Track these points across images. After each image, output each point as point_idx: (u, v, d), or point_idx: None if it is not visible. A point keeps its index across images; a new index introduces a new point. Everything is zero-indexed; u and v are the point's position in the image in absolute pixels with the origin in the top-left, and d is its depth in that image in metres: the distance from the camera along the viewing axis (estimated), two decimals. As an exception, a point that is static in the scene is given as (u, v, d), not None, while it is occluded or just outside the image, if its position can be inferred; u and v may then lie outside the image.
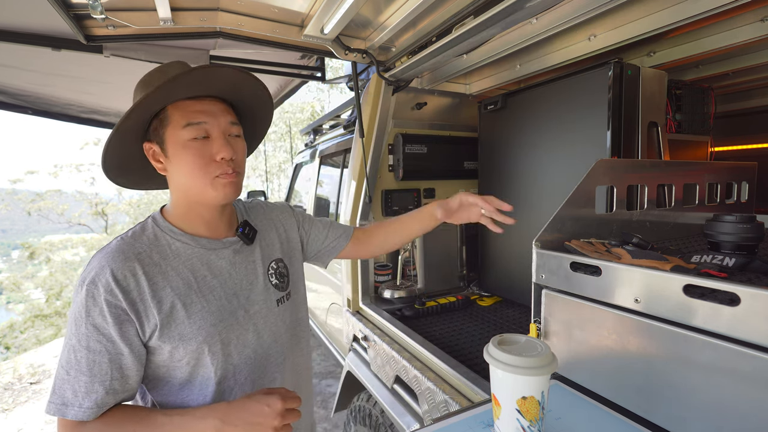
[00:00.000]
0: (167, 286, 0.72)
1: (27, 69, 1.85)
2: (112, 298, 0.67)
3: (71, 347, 0.67)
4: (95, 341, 0.66)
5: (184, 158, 0.72)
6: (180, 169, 0.74)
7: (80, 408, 0.65)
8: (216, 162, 0.73)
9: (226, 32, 1.44)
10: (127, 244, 0.72)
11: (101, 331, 0.66)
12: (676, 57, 1.52)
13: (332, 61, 6.84)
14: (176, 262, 0.74)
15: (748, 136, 2.07)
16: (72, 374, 0.66)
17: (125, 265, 0.69)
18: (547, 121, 1.60)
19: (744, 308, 0.52)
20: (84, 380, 0.65)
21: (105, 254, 0.70)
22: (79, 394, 0.65)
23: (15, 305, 12.06)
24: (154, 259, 0.72)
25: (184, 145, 0.72)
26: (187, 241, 0.77)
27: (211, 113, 0.74)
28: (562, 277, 0.79)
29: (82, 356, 0.66)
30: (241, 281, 0.81)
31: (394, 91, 1.88)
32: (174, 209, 0.79)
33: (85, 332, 0.66)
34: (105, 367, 0.67)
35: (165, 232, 0.76)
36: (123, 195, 13.70)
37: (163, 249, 0.74)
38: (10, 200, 13.50)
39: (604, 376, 0.73)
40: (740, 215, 0.88)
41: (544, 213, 1.59)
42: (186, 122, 0.72)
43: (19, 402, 4.17)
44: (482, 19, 1.15)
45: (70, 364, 0.66)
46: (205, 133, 0.73)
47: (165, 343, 0.71)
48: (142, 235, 0.75)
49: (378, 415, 1.64)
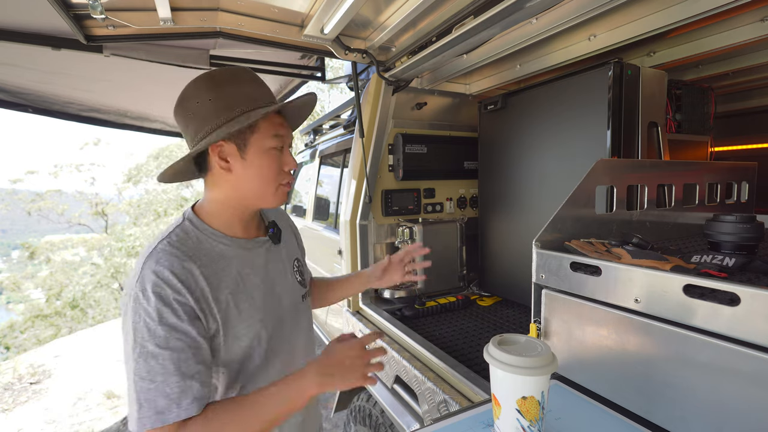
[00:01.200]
0: (221, 287, 0.75)
1: (27, 67, 1.85)
2: (180, 297, 0.68)
3: (149, 354, 0.65)
4: (176, 340, 0.66)
5: (263, 163, 0.79)
6: (254, 171, 0.79)
7: (179, 408, 0.64)
8: (283, 172, 0.82)
9: (226, 32, 1.44)
10: (176, 247, 0.72)
11: (179, 329, 0.67)
12: (676, 57, 1.52)
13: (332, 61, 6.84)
14: (223, 264, 0.77)
15: (748, 136, 2.07)
16: (159, 380, 0.64)
17: (183, 266, 0.70)
18: (547, 121, 1.60)
19: (744, 308, 0.52)
20: (175, 381, 0.65)
21: (158, 258, 0.69)
22: (174, 396, 0.64)
23: (15, 305, 12.06)
24: (204, 261, 0.74)
25: (266, 151, 0.79)
26: (228, 243, 0.80)
27: (286, 128, 0.83)
28: (562, 277, 0.79)
29: (166, 358, 0.65)
30: (275, 278, 0.87)
31: (394, 91, 1.88)
32: (212, 208, 0.81)
33: (163, 334, 0.65)
34: (191, 362, 0.67)
35: (207, 236, 0.78)
36: (123, 195, 13.70)
37: (209, 252, 0.76)
38: (10, 200, 13.50)
39: (604, 376, 0.73)
40: (740, 215, 0.88)
41: (544, 213, 1.59)
42: (274, 133, 0.79)
43: (19, 402, 4.17)
44: (482, 19, 1.15)
45: (153, 371, 0.65)
46: (283, 144, 0.81)
47: (224, 342, 0.74)
48: (187, 238, 0.75)
49: (378, 415, 1.64)
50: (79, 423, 3.62)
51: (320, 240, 2.75)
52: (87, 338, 6.26)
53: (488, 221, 1.96)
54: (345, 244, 2.00)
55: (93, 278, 10.90)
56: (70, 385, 4.45)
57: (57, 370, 4.95)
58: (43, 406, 4.02)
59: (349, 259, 1.97)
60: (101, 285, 10.69)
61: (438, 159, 2.06)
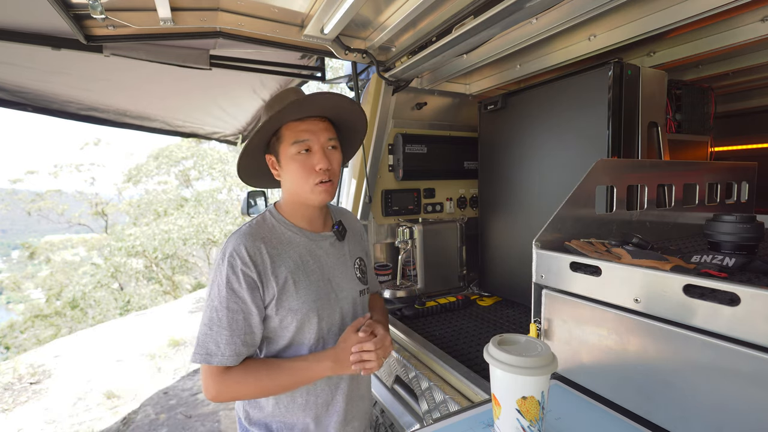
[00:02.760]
0: (282, 265, 0.90)
1: (27, 66, 1.85)
2: (246, 269, 0.85)
3: (213, 308, 0.84)
4: (233, 302, 0.84)
5: (292, 168, 0.91)
6: (289, 176, 0.93)
7: (223, 356, 0.83)
8: (316, 171, 0.90)
9: (226, 32, 1.44)
10: (254, 229, 0.91)
11: (238, 295, 0.84)
12: (676, 57, 1.52)
13: (332, 61, 6.84)
14: (288, 248, 0.93)
15: (748, 136, 2.06)
16: (214, 329, 0.83)
17: (254, 244, 0.88)
18: (547, 121, 1.59)
19: (744, 308, 0.52)
20: (225, 334, 0.83)
21: (239, 235, 0.89)
22: (221, 345, 0.83)
23: (15, 305, 12.06)
24: (273, 243, 0.91)
25: (292, 158, 0.91)
26: (296, 232, 0.96)
27: (312, 131, 0.91)
28: (562, 277, 0.79)
29: (223, 315, 0.84)
30: (334, 269, 0.99)
31: (394, 91, 1.88)
32: (285, 206, 0.99)
33: (226, 295, 0.84)
34: (241, 324, 0.85)
35: (280, 224, 0.96)
36: (123, 195, 13.70)
37: (279, 236, 0.94)
38: (10, 200, 13.49)
39: (604, 376, 0.73)
40: (740, 215, 0.88)
41: (544, 213, 1.59)
42: (294, 140, 0.90)
43: (19, 402, 4.17)
44: (482, 19, 1.15)
45: (213, 321, 0.84)
46: (308, 147, 0.90)
47: (278, 312, 0.89)
48: (263, 223, 0.94)
49: (378, 415, 1.64)
50: (79, 423, 3.62)
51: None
52: (87, 338, 6.26)
53: (488, 221, 1.96)
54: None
55: (93, 278, 10.88)
56: (70, 385, 4.45)
57: (57, 370, 4.95)
58: (43, 406, 4.02)
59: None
60: (101, 285, 10.68)
61: (438, 159, 2.06)
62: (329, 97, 0.89)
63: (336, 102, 0.91)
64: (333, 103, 0.92)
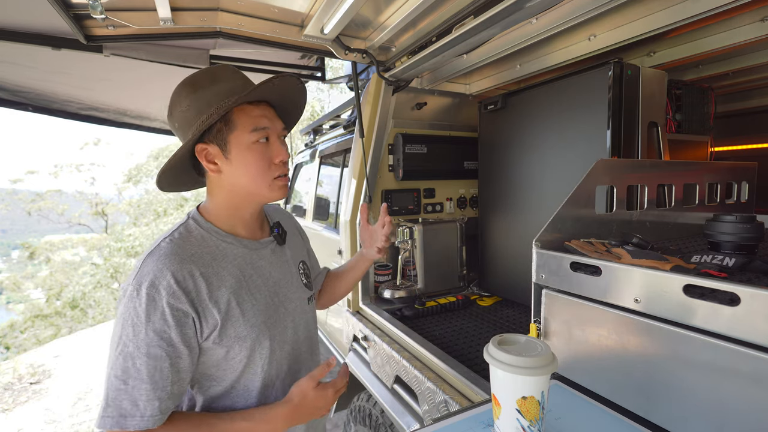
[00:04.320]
0: (222, 287, 0.73)
1: (26, 65, 1.85)
2: (174, 301, 0.66)
3: (128, 355, 0.64)
4: (156, 347, 0.65)
5: (248, 160, 0.76)
6: (241, 170, 0.76)
7: (142, 418, 0.63)
8: (275, 164, 0.78)
9: (226, 32, 1.44)
10: (178, 246, 0.72)
11: (162, 336, 0.65)
12: (676, 57, 1.52)
13: (332, 61, 6.84)
14: (226, 263, 0.76)
15: (748, 136, 2.07)
16: (130, 383, 0.64)
17: (183, 267, 0.69)
18: (547, 121, 1.59)
19: (744, 308, 0.52)
20: (145, 388, 0.64)
21: (159, 257, 0.69)
22: (140, 403, 0.63)
23: (15, 305, 12.06)
24: (206, 260, 0.73)
25: (248, 147, 0.76)
26: (231, 241, 0.79)
27: (269, 118, 0.78)
28: (562, 277, 0.79)
29: (142, 364, 0.64)
30: (279, 279, 0.85)
31: (394, 91, 1.88)
32: (215, 209, 0.80)
33: (145, 338, 0.64)
34: (166, 373, 0.66)
35: (210, 234, 0.77)
36: (123, 195, 13.70)
37: (212, 250, 0.75)
38: (10, 200, 13.51)
39: (604, 376, 0.73)
40: (740, 215, 0.88)
41: (544, 213, 1.59)
42: (253, 127, 0.75)
43: (19, 402, 4.17)
44: (482, 19, 1.15)
45: (128, 373, 0.64)
46: (267, 136, 0.77)
47: (222, 342, 0.72)
48: (189, 236, 0.75)
49: (378, 415, 1.64)
50: (79, 423, 3.62)
51: (320, 240, 2.75)
52: (87, 338, 6.26)
53: (488, 221, 1.96)
54: (345, 244, 2.00)
55: (93, 278, 10.90)
56: (70, 385, 4.45)
57: (57, 370, 4.95)
58: (43, 406, 4.02)
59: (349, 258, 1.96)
60: (101, 285, 10.69)
61: (438, 159, 2.06)
62: (297, 82, 0.80)
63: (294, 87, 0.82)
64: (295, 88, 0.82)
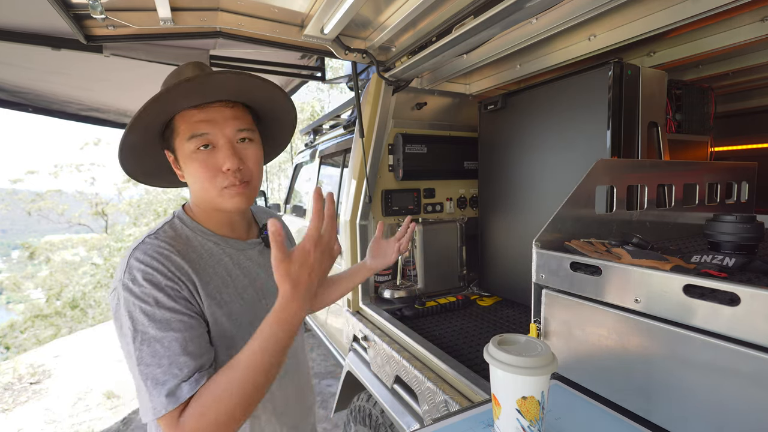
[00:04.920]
0: (209, 284, 0.71)
1: (26, 66, 1.85)
2: (171, 283, 0.65)
3: (152, 339, 0.61)
4: (177, 321, 0.63)
5: (192, 170, 0.71)
6: (190, 178, 0.73)
7: (189, 384, 0.60)
8: (223, 173, 0.71)
9: (226, 32, 1.44)
10: (163, 241, 0.70)
11: (175, 311, 0.64)
12: (676, 57, 1.52)
13: (332, 61, 6.84)
14: (212, 262, 0.74)
15: (748, 136, 2.07)
16: (165, 363, 0.61)
17: (170, 260, 0.67)
18: (547, 121, 1.59)
19: (744, 308, 0.52)
20: (184, 360, 0.61)
21: (146, 249, 0.67)
22: (181, 373, 0.60)
23: (15, 305, 12.06)
24: (193, 258, 0.71)
25: (189, 156, 0.71)
26: (218, 241, 0.77)
27: (214, 122, 0.70)
28: (562, 277, 0.79)
29: (171, 339, 0.62)
30: (266, 281, 0.83)
31: (394, 91, 1.88)
32: (198, 209, 0.79)
33: (162, 317, 0.62)
34: (197, 342, 0.64)
35: (196, 233, 0.76)
36: (123, 195, 13.70)
37: (197, 249, 0.74)
38: (10, 200, 13.51)
39: (604, 376, 0.73)
40: (740, 215, 0.88)
41: (544, 213, 1.59)
42: (190, 134, 0.70)
43: (19, 402, 4.17)
44: (482, 19, 1.15)
45: (158, 355, 0.61)
46: (209, 143, 0.70)
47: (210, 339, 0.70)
48: (175, 234, 0.73)
49: (378, 415, 1.64)
50: (79, 423, 3.62)
51: (320, 240, 2.75)
52: (87, 338, 6.26)
53: (488, 221, 1.96)
54: (345, 244, 2.00)
55: (93, 278, 10.90)
56: (70, 385, 4.45)
57: (57, 370, 4.95)
58: (43, 406, 4.02)
59: (349, 260, 1.97)
60: (101, 285, 10.69)
61: (438, 159, 2.06)
62: (230, 78, 0.68)
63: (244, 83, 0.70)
64: (239, 85, 0.71)
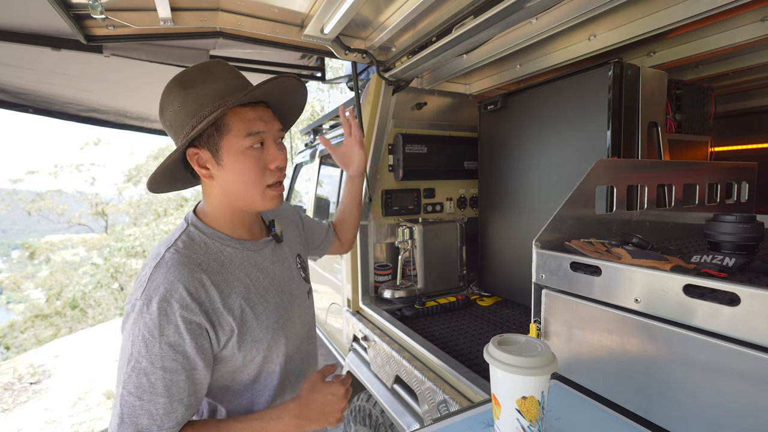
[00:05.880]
0: (232, 293, 0.72)
1: (27, 67, 1.85)
2: (188, 314, 0.65)
3: (141, 371, 0.63)
4: (171, 360, 0.64)
5: (242, 166, 0.73)
6: (233, 176, 0.74)
7: (160, 430, 0.63)
8: (270, 170, 0.75)
9: (226, 32, 1.44)
10: (185, 256, 0.70)
11: (177, 350, 0.65)
12: (676, 57, 1.52)
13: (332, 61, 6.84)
14: (233, 268, 0.75)
15: (748, 136, 2.07)
16: (146, 398, 0.63)
17: (193, 277, 0.68)
18: (547, 121, 1.59)
19: (744, 308, 0.52)
20: (162, 402, 0.63)
21: (168, 269, 0.67)
22: (158, 417, 0.63)
23: (15, 305, 12.06)
24: (214, 268, 0.72)
25: (243, 153, 0.72)
26: (235, 246, 0.78)
27: (265, 121, 0.74)
28: (562, 277, 0.79)
29: (158, 378, 0.63)
30: (282, 277, 0.85)
31: (394, 91, 1.88)
32: (214, 213, 0.78)
33: (159, 353, 0.64)
34: (182, 385, 0.65)
35: (213, 240, 0.76)
36: (123, 195, 13.70)
37: (217, 256, 0.74)
38: (10, 200, 13.51)
39: (604, 376, 0.73)
40: (740, 215, 0.88)
41: (544, 213, 1.59)
42: (247, 131, 0.72)
43: (19, 402, 4.18)
44: (482, 19, 1.15)
45: (142, 388, 0.63)
46: (262, 140, 0.74)
47: (240, 348, 0.73)
48: (193, 244, 0.73)
49: (378, 415, 1.64)
50: (79, 423, 3.62)
51: (320, 240, 2.75)
52: (87, 338, 6.26)
53: (488, 221, 1.96)
54: (345, 244, 2.00)
55: (93, 278, 10.90)
56: (70, 385, 4.45)
57: (57, 370, 4.95)
58: (43, 406, 4.02)
59: (349, 259, 1.97)
60: (101, 285, 10.69)
61: (438, 159, 2.06)
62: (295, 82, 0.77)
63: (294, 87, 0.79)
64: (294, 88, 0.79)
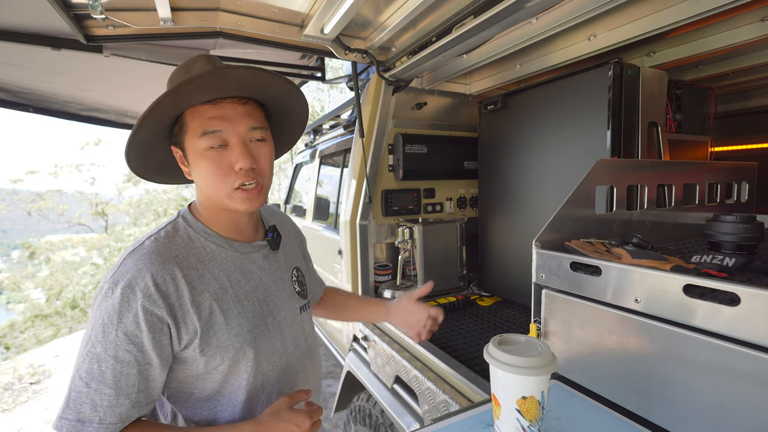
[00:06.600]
0: (205, 291, 0.69)
1: (27, 67, 1.85)
2: (149, 305, 0.62)
3: (95, 356, 0.61)
4: (124, 351, 0.61)
5: (202, 168, 0.69)
6: (198, 178, 0.72)
7: (101, 424, 0.60)
8: (235, 172, 0.69)
9: (226, 32, 1.44)
10: (163, 246, 0.68)
11: (132, 340, 0.62)
12: (676, 57, 1.52)
13: (332, 61, 6.84)
14: (212, 266, 0.72)
15: (748, 136, 2.07)
16: (93, 386, 0.60)
17: (164, 269, 0.65)
18: (547, 121, 1.59)
19: (744, 308, 0.52)
20: (108, 393, 0.60)
21: (141, 256, 0.65)
22: (100, 409, 0.60)
23: (15, 305, 12.05)
24: (191, 263, 0.69)
25: (201, 154, 0.69)
26: (221, 244, 0.75)
27: (227, 119, 0.69)
28: (562, 277, 0.79)
29: (108, 366, 0.60)
30: (269, 287, 0.80)
31: (394, 91, 1.88)
32: (202, 209, 0.76)
33: (114, 340, 0.61)
34: (133, 379, 0.62)
35: (199, 234, 0.73)
36: (123, 195, 13.70)
37: (198, 252, 0.71)
38: (10, 200, 13.50)
39: (604, 376, 0.73)
40: (740, 215, 0.88)
41: (544, 213, 1.59)
42: (202, 130, 0.67)
43: (19, 402, 4.17)
44: (482, 19, 1.15)
45: (92, 375, 0.60)
46: (222, 141, 0.69)
47: (203, 351, 0.68)
48: (175, 235, 0.71)
49: (378, 415, 1.64)
50: (79, 423, 3.63)
51: (320, 240, 2.75)
52: (87, 338, 6.26)
53: (488, 221, 1.96)
54: (345, 244, 2.00)
55: (93, 278, 10.90)
56: (70, 385, 4.46)
57: (57, 370, 4.95)
58: (43, 406, 4.02)
59: (349, 259, 1.97)
60: (101, 285, 10.68)
61: (438, 159, 2.06)
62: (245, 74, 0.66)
63: (260, 79, 0.69)
64: (256, 80, 0.69)
